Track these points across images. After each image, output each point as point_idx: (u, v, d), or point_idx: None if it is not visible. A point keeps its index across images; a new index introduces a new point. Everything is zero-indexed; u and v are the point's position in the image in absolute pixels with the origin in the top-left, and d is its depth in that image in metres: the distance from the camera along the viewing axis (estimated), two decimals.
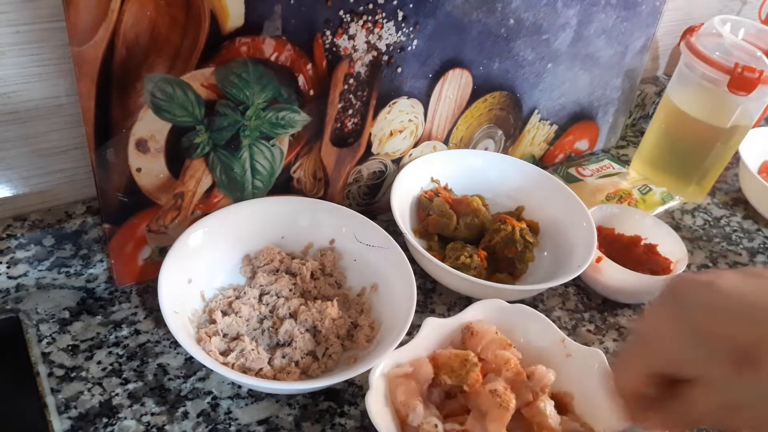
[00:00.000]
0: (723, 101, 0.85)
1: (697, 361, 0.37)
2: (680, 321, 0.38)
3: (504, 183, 0.83)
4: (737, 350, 0.35)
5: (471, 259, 0.71)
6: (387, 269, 0.66)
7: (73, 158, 0.62)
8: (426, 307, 0.72)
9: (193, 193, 0.64)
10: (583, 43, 0.84)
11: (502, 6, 0.72)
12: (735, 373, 0.36)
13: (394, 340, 0.57)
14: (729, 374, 0.36)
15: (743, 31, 0.88)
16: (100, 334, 0.62)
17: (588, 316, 0.75)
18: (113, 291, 0.66)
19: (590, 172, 0.95)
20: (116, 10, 0.50)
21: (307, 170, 0.71)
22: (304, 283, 0.66)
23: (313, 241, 0.71)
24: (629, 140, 1.09)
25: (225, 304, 0.63)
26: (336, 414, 0.60)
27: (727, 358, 0.36)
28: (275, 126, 0.65)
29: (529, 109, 0.86)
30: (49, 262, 0.64)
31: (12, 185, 0.61)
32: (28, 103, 0.56)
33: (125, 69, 0.53)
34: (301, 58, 0.62)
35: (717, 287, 0.37)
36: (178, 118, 0.59)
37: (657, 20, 0.91)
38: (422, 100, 0.74)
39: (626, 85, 0.96)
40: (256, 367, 0.58)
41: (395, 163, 0.78)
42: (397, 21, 0.65)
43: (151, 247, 0.65)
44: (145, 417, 0.56)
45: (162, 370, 0.60)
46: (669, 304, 0.39)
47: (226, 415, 0.58)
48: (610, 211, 0.82)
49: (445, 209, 0.76)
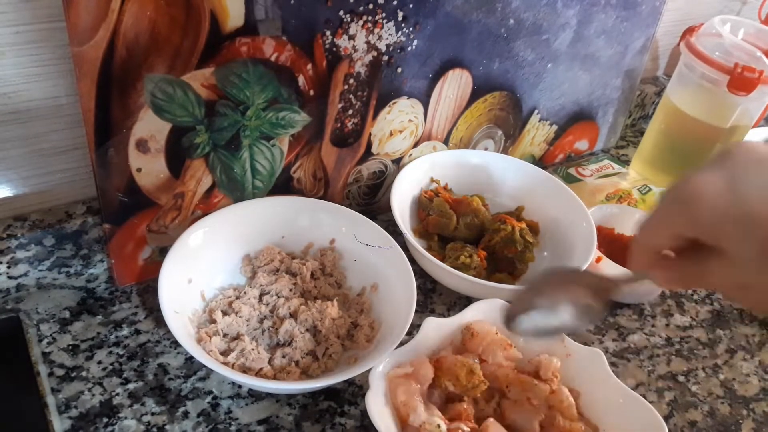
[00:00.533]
0: (723, 101, 0.85)
1: (732, 236, 0.37)
2: (728, 192, 0.36)
3: (504, 183, 0.83)
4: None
5: (471, 259, 0.71)
6: (387, 269, 0.66)
7: (73, 158, 0.62)
8: (426, 307, 0.72)
9: (193, 193, 0.64)
10: (583, 43, 0.84)
11: (502, 6, 0.72)
12: (762, 259, 0.36)
13: (394, 340, 0.57)
14: (757, 258, 0.36)
15: (743, 31, 0.88)
16: (101, 333, 0.62)
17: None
18: (113, 291, 0.66)
19: (590, 172, 0.95)
20: (116, 10, 0.50)
21: (307, 170, 0.71)
22: (304, 283, 0.67)
23: (313, 241, 0.71)
24: (629, 140, 1.09)
25: (225, 304, 0.63)
26: (336, 414, 0.60)
27: (761, 241, 0.35)
28: (275, 126, 0.65)
29: (529, 109, 0.86)
30: (50, 262, 0.64)
31: (12, 185, 0.61)
32: (28, 103, 0.56)
33: (125, 69, 0.54)
34: (301, 58, 0.62)
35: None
36: (179, 118, 0.59)
37: (657, 20, 0.91)
38: (422, 100, 0.74)
39: (626, 85, 0.96)
40: (256, 366, 0.58)
41: (395, 163, 0.78)
42: (397, 21, 0.65)
43: (152, 247, 0.65)
44: (145, 417, 0.56)
45: (162, 369, 0.60)
46: (720, 171, 0.37)
47: (226, 415, 0.58)
48: (609, 211, 0.82)
49: (445, 209, 0.76)
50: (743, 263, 0.37)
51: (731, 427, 0.66)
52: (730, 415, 0.67)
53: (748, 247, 0.36)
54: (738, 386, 0.70)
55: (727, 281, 0.38)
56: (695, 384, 0.69)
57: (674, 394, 0.68)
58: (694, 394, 0.68)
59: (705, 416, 0.66)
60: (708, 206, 0.37)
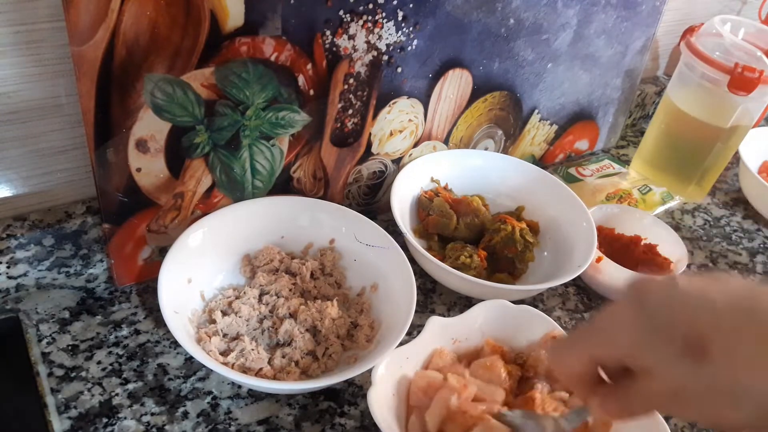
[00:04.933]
0: (723, 101, 0.85)
1: (651, 350, 0.38)
2: (639, 316, 0.38)
3: (504, 183, 0.83)
4: (690, 339, 0.36)
5: (471, 259, 0.71)
6: (387, 269, 0.66)
7: (73, 158, 0.62)
8: (426, 307, 0.72)
9: (193, 193, 0.64)
10: (583, 43, 0.84)
11: (502, 6, 0.72)
12: (686, 362, 0.37)
13: (394, 340, 0.57)
14: (680, 362, 0.37)
15: (743, 31, 0.88)
16: (100, 334, 0.62)
17: (588, 316, 0.75)
18: (113, 291, 0.66)
19: (590, 172, 0.95)
20: (116, 10, 0.50)
21: (307, 170, 0.71)
22: (303, 282, 0.66)
23: (313, 241, 0.71)
24: (629, 140, 1.09)
25: (225, 304, 0.63)
26: (336, 414, 0.60)
27: (680, 346, 0.37)
28: (275, 126, 0.65)
29: (529, 109, 0.86)
30: (49, 262, 0.64)
31: (12, 185, 0.61)
32: (28, 102, 0.56)
33: (125, 69, 0.53)
34: (301, 58, 0.62)
35: (679, 286, 0.38)
36: (178, 118, 0.59)
37: (657, 20, 0.91)
38: (422, 100, 0.74)
39: (626, 85, 0.96)
40: (256, 367, 0.58)
41: (395, 163, 0.78)
42: (397, 21, 0.65)
43: (151, 247, 0.65)
44: (145, 417, 0.56)
45: (162, 370, 0.60)
46: (629, 302, 0.40)
47: (226, 415, 0.58)
48: (610, 211, 0.82)
49: (445, 209, 0.76)
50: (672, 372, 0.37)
51: None
52: None
53: (671, 353, 0.37)
54: None
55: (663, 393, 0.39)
56: None
57: None
58: None
59: None
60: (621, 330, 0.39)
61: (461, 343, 0.62)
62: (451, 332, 0.61)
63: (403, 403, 0.56)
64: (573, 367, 0.43)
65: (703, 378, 0.36)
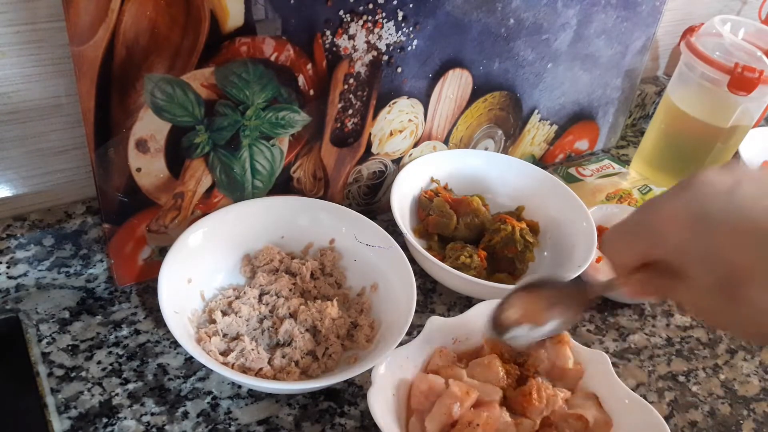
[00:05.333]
0: (723, 101, 0.85)
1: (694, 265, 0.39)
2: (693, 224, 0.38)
3: (504, 183, 0.83)
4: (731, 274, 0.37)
5: (471, 259, 0.71)
6: (387, 269, 0.66)
7: (73, 158, 0.62)
8: (426, 307, 0.72)
9: (193, 193, 0.64)
10: (583, 43, 0.84)
11: (502, 6, 0.72)
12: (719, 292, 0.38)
13: (394, 340, 0.57)
14: (713, 289, 0.38)
15: (743, 31, 0.88)
16: (100, 334, 0.62)
17: (588, 316, 0.75)
18: (113, 291, 0.66)
19: (590, 172, 0.95)
20: (116, 10, 0.50)
21: (307, 170, 0.71)
22: (303, 282, 0.66)
23: (313, 241, 0.71)
24: (629, 140, 1.09)
25: (225, 304, 0.63)
26: (336, 414, 0.60)
27: (720, 275, 0.37)
28: (275, 126, 0.65)
29: (529, 109, 0.86)
30: (49, 262, 0.64)
31: (12, 185, 0.61)
32: (28, 103, 0.56)
33: (125, 69, 0.53)
34: (301, 58, 0.62)
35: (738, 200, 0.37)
36: (178, 118, 0.59)
37: (657, 20, 0.91)
38: (422, 100, 0.74)
39: (626, 85, 0.96)
40: (256, 367, 0.58)
41: (395, 163, 0.78)
42: (397, 21, 0.65)
43: (151, 247, 0.65)
44: (145, 417, 0.56)
45: (162, 370, 0.60)
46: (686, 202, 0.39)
47: (226, 415, 0.58)
48: (610, 211, 0.82)
49: (445, 209, 0.76)
50: (701, 290, 0.39)
51: (732, 427, 0.66)
52: (730, 415, 0.67)
53: (707, 277, 0.38)
54: (738, 386, 0.70)
55: (688, 301, 0.41)
56: (696, 384, 0.69)
57: (675, 394, 0.68)
58: (695, 395, 0.68)
59: (705, 416, 0.66)
60: (673, 236, 0.39)
61: (461, 343, 0.62)
62: (451, 332, 0.61)
63: (403, 403, 0.56)
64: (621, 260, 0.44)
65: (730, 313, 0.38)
